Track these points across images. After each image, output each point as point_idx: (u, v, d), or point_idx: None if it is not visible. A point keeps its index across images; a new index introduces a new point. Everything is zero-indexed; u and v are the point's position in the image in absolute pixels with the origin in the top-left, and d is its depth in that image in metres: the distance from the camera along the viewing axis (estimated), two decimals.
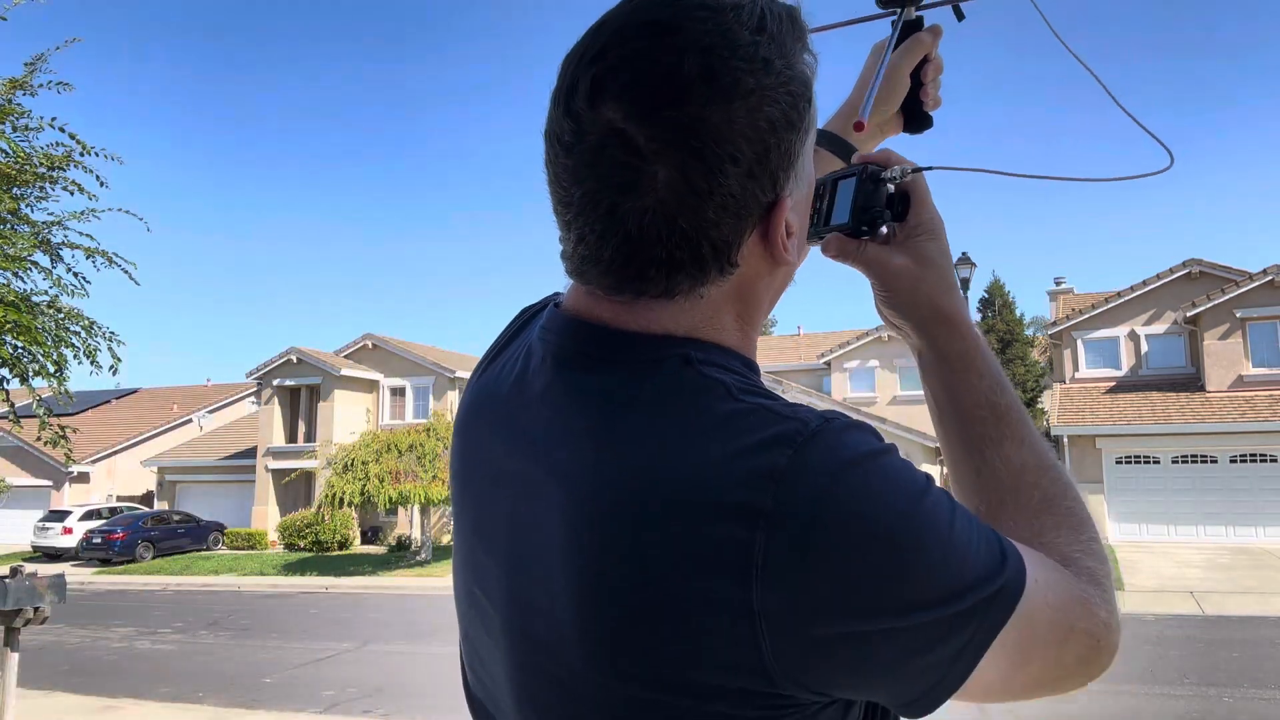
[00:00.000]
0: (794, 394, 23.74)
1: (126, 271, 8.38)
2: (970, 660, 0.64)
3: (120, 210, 8.40)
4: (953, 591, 0.62)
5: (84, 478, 33.10)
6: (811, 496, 0.61)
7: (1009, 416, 0.81)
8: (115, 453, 34.22)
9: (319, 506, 24.73)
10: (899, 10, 0.96)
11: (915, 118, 0.94)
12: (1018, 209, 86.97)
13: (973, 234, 79.41)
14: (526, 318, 0.86)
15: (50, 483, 32.87)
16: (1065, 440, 22.48)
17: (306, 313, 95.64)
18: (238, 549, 27.64)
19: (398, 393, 29.92)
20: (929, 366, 0.86)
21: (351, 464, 22.58)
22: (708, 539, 0.61)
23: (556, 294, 0.84)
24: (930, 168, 0.83)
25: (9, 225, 7.61)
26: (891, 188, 0.83)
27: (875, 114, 1.04)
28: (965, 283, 19.11)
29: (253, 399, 37.10)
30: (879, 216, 0.82)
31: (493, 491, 0.77)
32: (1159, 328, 24.28)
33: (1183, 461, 21.70)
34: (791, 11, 0.72)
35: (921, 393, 0.88)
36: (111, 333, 8.24)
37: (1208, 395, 22.31)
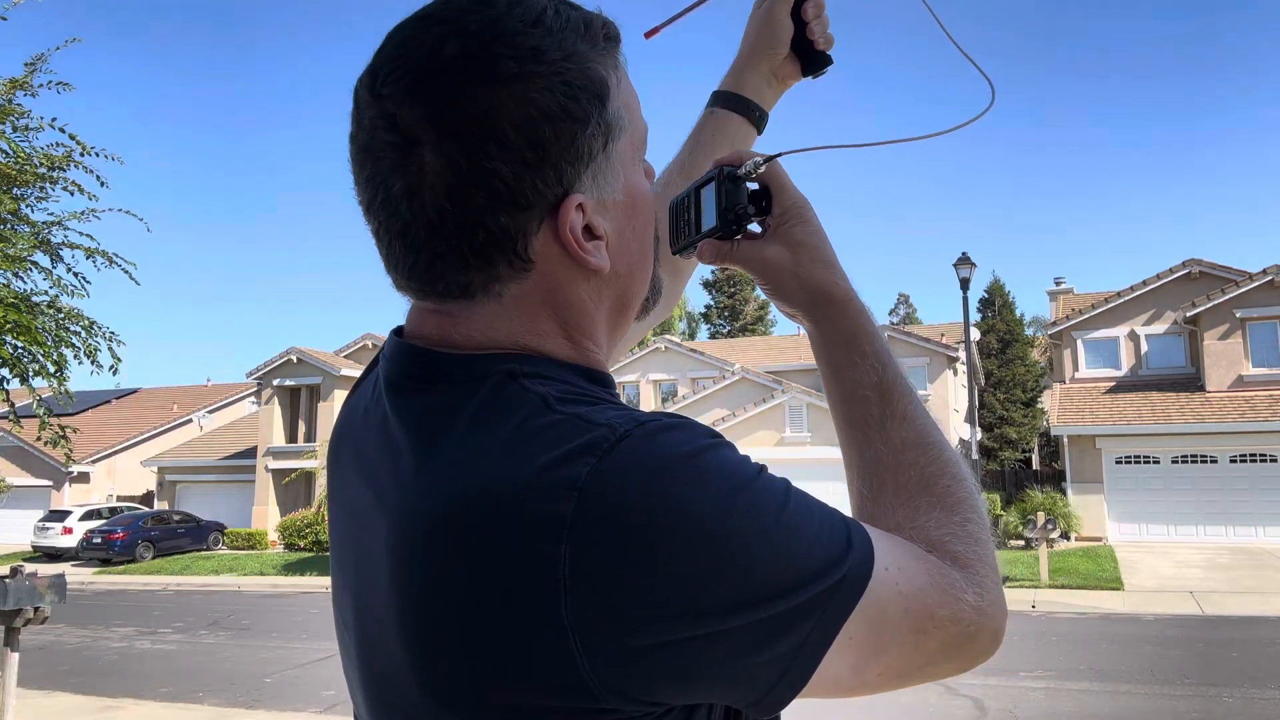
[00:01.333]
0: (794, 395, 23.76)
1: (126, 271, 8.39)
2: (813, 655, 0.62)
3: (120, 210, 8.42)
4: (781, 587, 0.60)
5: (84, 478, 33.10)
6: (614, 504, 0.59)
7: (892, 394, 0.80)
8: (115, 453, 34.22)
9: (319, 506, 24.73)
10: None
11: (810, 59, 0.95)
12: (1018, 209, 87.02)
13: (973, 234, 79.42)
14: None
15: (50, 483, 32.86)
16: (1065, 440, 22.49)
17: (306, 313, 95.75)
18: (238, 549, 27.63)
19: None
20: (817, 349, 0.85)
21: None
22: (516, 555, 0.59)
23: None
24: (779, 154, 0.84)
25: (9, 225, 7.61)
26: (752, 185, 0.84)
27: (763, 61, 1.05)
28: (965, 283, 19.09)
29: (253, 399, 37.10)
30: (744, 214, 0.83)
31: (345, 523, 0.76)
32: (1159, 328, 24.29)
33: (1183, 461, 21.70)
34: (589, 18, 0.72)
35: (923, 393, 0.89)
36: (111, 333, 8.25)
37: (1208, 395, 22.31)
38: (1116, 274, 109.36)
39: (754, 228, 0.86)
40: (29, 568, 6.64)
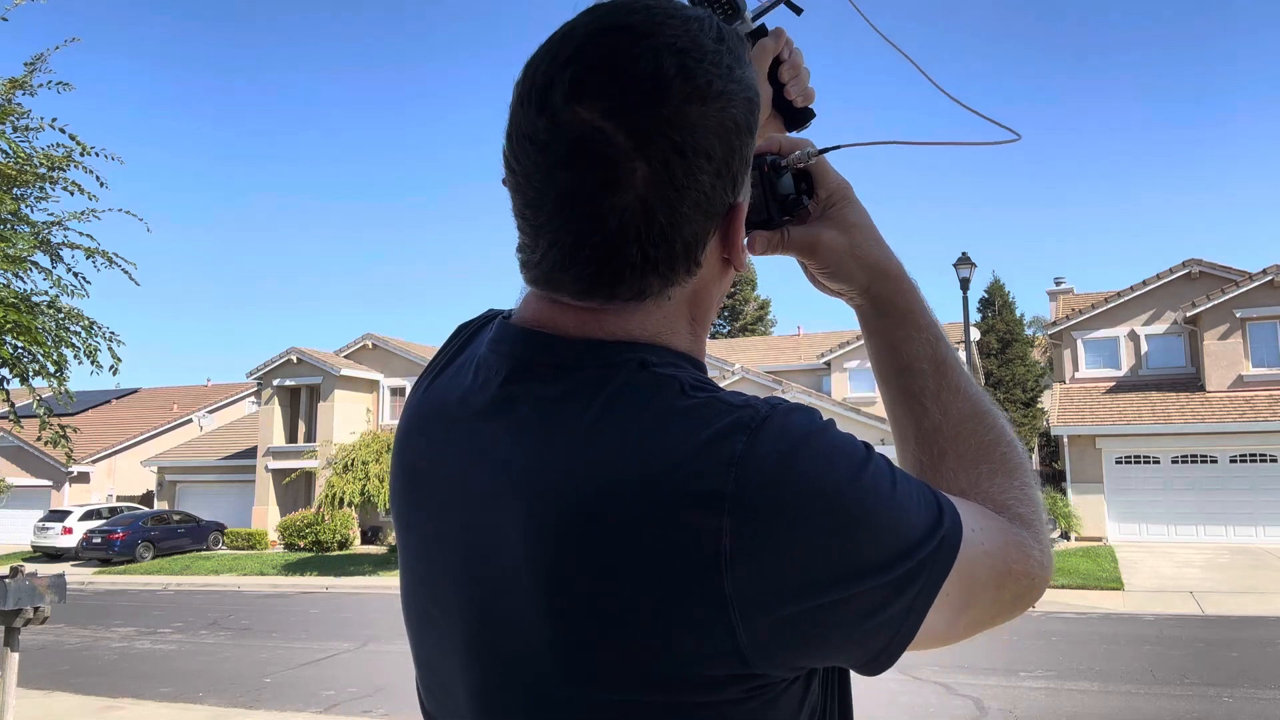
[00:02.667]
0: (794, 394, 23.75)
1: (126, 271, 8.39)
2: (920, 613, 0.67)
3: (120, 210, 8.42)
4: (900, 552, 0.65)
5: (84, 478, 33.11)
6: (769, 478, 0.63)
7: (946, 366, 0.84)
8: (115, 453, 34.23)
9: (319, 506, 24.74)
10: (734, 25, 0.98)
11: (792, 116, 0.97)
12: (1018, 209, 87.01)
13: (973, 234, 79.40)
14: (468, 335, 0.85)
15: (50, 483, 32.87)
16: (1065, 440, 22.49)
17: (306, 313, 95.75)
18: (238, 549, 27.63)
19: (398, 393, 29.91)
20: (871, 324, 0.89)
21: (352, 464, 22.58)
22: (674, 529, 0.62)
23: (494, 310, 0.84)
24: (831, 148, 0.87)
25: (9, 225, 7.61)
26: (790, 176, 0.86)
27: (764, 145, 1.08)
28: (965, 282, 19.10)
29: (253, 399, 37.11)
30: (796, 201, 0.85)
31: (443, 508, 0.76)
32: (1159, 328, 24.29)
33: (1183, 461, 21.69)
34: (737, 30, 0.77)
35: None
36: (111, 333, 8.26)
37: (1208, 395, 22.31)
38: (1116, 274, 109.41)
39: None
40: (29, 568, 6.63)
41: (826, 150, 0.86)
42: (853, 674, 0.77)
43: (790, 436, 0.65)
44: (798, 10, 1.01)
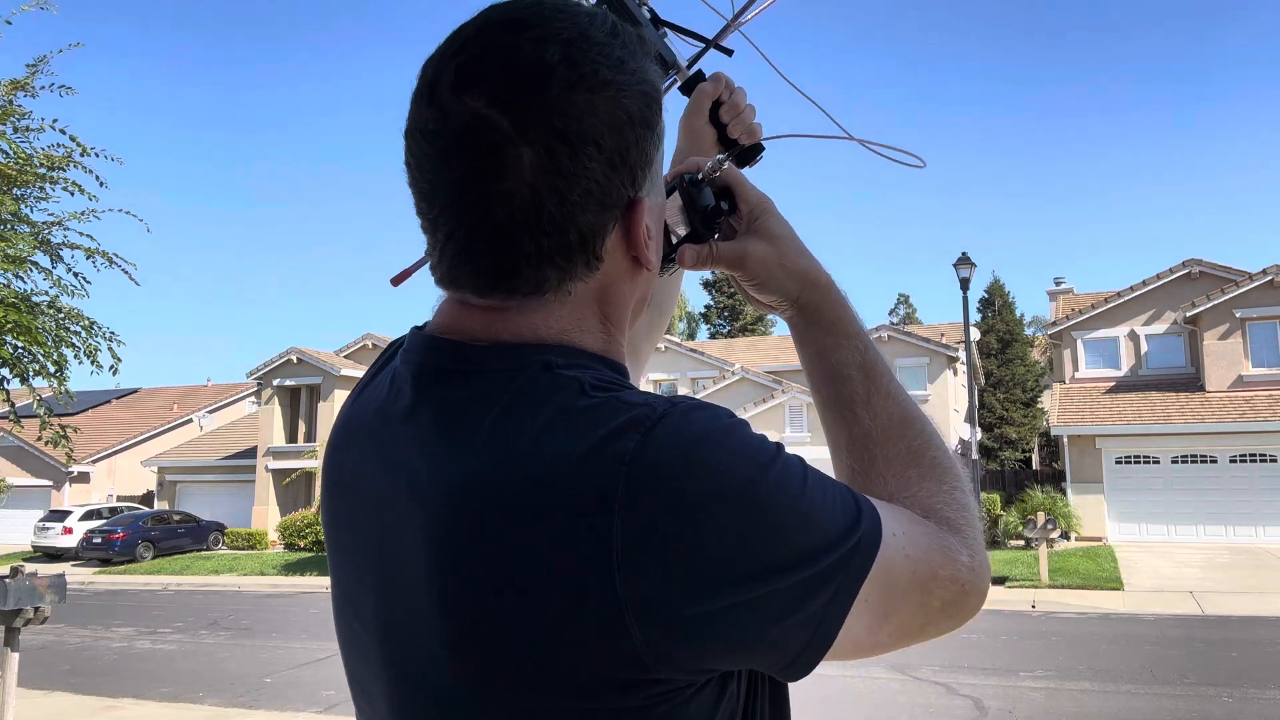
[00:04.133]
0: (794, 395, 23.75)
1: (126, 271, 8.40)
2: (837, 617, 0.66)
3: (120, 211, 8.43)
4: (810, 552, 0.64)
5: (84, 478, 33.11)
6: (661, 476, 0.62)
7: (875, 372, 0.85)
8: (115, 453, 34.23)
9: (319, 506, 24.69)
10: (670, 76, 1.02)
11: (740, 155, 0.99)
12: (1018, 209, 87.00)
13: (973, 234, 79.37)
14: (394, 349, 0.84)
15: (50, 483, 32.87)
16: (1065, 440, 22.49)
17: (306, 313, 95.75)
18: (238, 549, 27.63)
19: None
20: (802, 333, 0.89)
21: None
22: (566, 529, 0.61)
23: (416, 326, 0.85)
24: (731, 153, 0.90)
25: (9, 225, 7.62)
26: (710, 190, 0.88)
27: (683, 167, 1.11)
28: (965, 282, 19.10)
29: (253, 399, 37.11)
30: (716, 211, 0.87)
31: (362, 519, 0.76)
32: (1159, 328, 24.29)
33: (1183, 461, 21.70)
34: (640, 33, 0.77)
35: (922, 393, 0.90)
36: (111, 333, 8.26)
37: (1208, 395, 22.32)
38: (1116, 274, 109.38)
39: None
40: (29, 568, 6.64)
41: (731, 154, 0.89)
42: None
43: (688, 434, 0.64)
44: (728, 52, 1.03)
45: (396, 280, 0.90)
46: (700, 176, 0.87)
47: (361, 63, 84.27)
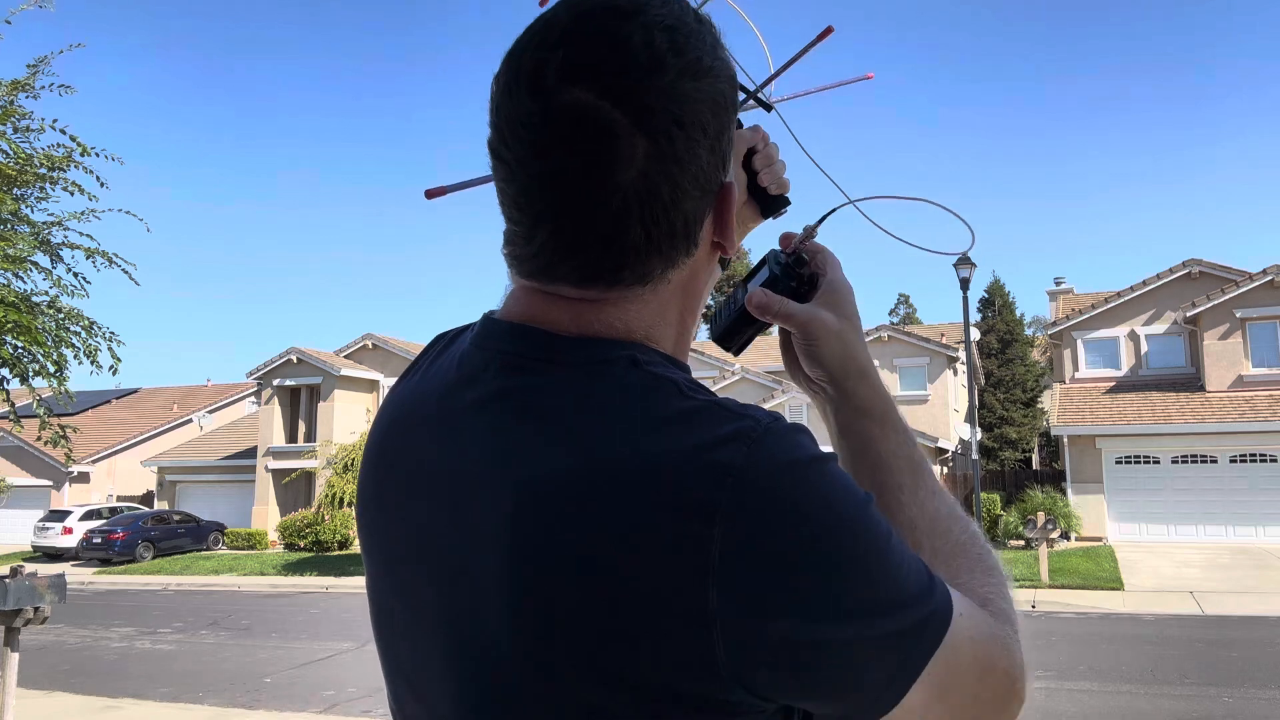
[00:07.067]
0: (794, 395, 23.74)
1: (126, 271, 8.40)
2: (904, 682, 0.64)
3: (121, 211, 8.43)
4: (892, 603, 0.63)
5: (84, 478, 33.11)
6: (766, 495, 0.61)
7: (921, 469, 0.83)
8: (115, 453, 34.22)
9: (319, 506, 24.73)
10: None
11: (766, 204, 0.99)
12: (1018, 208, 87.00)
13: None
14: (449, 339, 0.83)
15: (50, 483, 32.87)
16: (1065, 440, 22.49)
17: (306, 313, 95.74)
18: (238, 549, 27.63)
19: None
20: (846, 420, 0.86)
21: (352, 464, 22.58)
22: (663, 534, 0.60)
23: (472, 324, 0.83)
24: (820, 222, 0.92)
25: (9, 225, 7.62)
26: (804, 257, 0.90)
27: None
28: (965, 283, 19.09)
29: (253, 399, 37.10)
30: (813, 281, 0.89)
31: (418, 503, 0.74)
32: (1159, 328, 24.29)
33: (1183, 461, 21.70)
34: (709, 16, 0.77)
35: (922, 393, 0.90)
36: (111, 333, 8.27)
37: (1208, 395, 22.32)
38: (1116, 274, 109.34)
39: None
40: (29, 568, 6.64)
41: (818, 225, 0.92)
42: None
43: (793, 455, 0.63)
44: (768, 108, 1.04)
45: (431, 194, 0.91)
46: (795, 248, 0.90)
47: (362, 63, 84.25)
